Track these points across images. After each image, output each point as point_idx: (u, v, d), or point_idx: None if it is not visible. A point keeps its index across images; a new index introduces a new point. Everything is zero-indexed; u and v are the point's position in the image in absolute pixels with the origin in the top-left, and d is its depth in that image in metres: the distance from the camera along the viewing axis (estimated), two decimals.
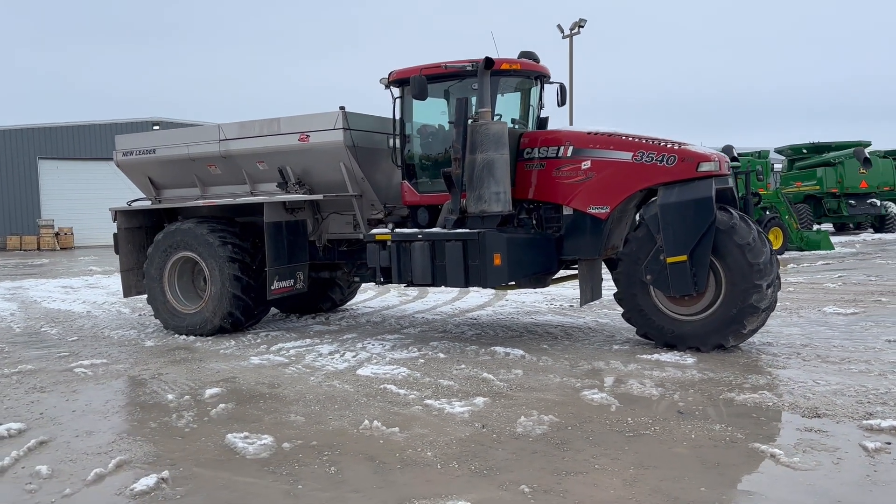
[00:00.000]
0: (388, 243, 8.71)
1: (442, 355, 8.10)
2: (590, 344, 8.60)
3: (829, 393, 6.26)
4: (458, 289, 13.34)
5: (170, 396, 6.71)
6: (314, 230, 9.85)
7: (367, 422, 5.70)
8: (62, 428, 5.89)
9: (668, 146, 8.04)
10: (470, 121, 8.22)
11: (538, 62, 9.07)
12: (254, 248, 9.80)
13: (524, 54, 9.05)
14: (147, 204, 10.78)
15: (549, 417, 5.74)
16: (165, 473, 4.70)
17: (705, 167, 7.91)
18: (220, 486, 4.61)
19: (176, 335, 9.83)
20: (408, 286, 8.93)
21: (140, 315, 12.01)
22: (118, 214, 10.47)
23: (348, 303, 12.12)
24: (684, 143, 8.18)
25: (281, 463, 4.97)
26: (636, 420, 5.66)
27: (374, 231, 8.92)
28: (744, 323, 7.78)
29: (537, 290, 12.19)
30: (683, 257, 7.76)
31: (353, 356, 8.18)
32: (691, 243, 7.73)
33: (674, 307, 8.11)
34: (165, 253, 9.94)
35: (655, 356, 7.75)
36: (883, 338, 8.52)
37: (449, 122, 8.77)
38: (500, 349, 8.23)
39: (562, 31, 34.97)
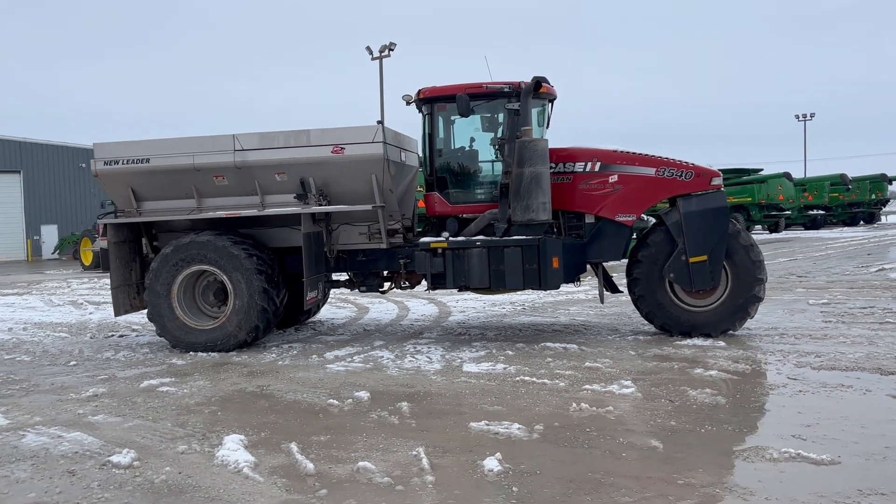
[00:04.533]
0: (439, 251, 9.23)
1: (510, 352, 8.79)
2: (610, 337, 9.73)
3: (864, 358, 7.94)
4: (403, 303, 13.86)
5: (333, 402, 6.79)
6: (326, 241, 9.98)
7: (574, 404, 6.38)
8: (291, 435, 5.86)
9: (684, 163, 9.45)
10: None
11: (552, 86, 10.09)
12: (271, 260, 9.73)
13: (539, 79, 9.99)
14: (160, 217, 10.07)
15: (708, 391, 6.79)
16: (499, 455, 5.09)
17: (716, 181, 9.44)
18: (554, 461, 5.10)
19: (190, 353, 9.43)
20: (460, 291, 9.49)
21: (93, 337, 11.13)
22: (108, 228, 9.78)
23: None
24: (691, 161, 9.63)
25: (565, 439, 5.53)
26: (776, 386, 6.90)
27: (427, 239, 9.38)
28: (748, 310, 9.38)
29: (486, 296, 13.15)
30: (704, 257, 9.18)
31: (427, 359, 8.60)
32: (711, 245, 9.18)
33: (689, 300, 9.50)
34: (175, 267, 9.51)
35: (690, 342, 9.08)
36: (818, 320, 10.58)
37: (495, 141, 9.49)
38: (551, 344, 9.10)
39: (371, 53, 35.96)
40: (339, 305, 14.06)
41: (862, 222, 48.33)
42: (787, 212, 40.13)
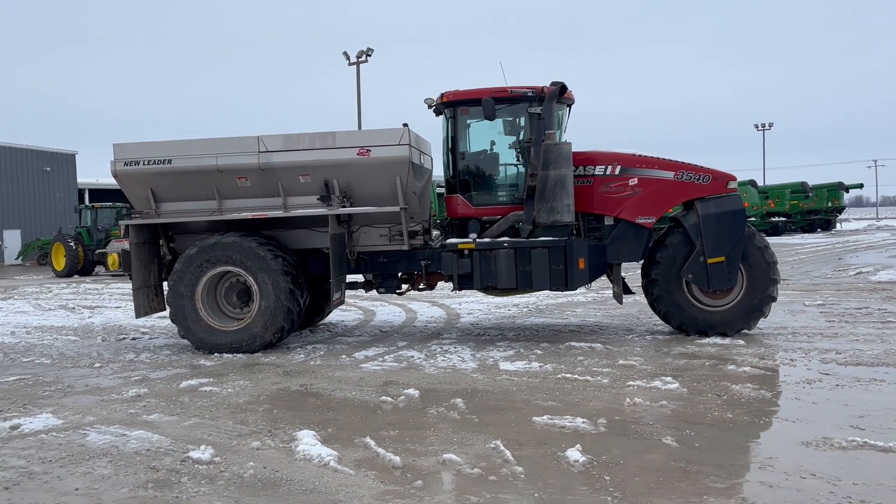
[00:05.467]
0: (466, 252, 9.36)
1: (538, 351, 8.94)
2: (628, 337, 9.93)
3: (884, 354, 8.26)
4: (410, 307, 13.92)
5: (386, 399, 6.86)
6: (348, 243, 10.03)
7: (627, 399, 6.55)
8: (358, 431, 5.92)
9: (702, 167, 9.72)
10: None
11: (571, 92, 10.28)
12: (294, 261, 9.76)
13: (562, 84, 10.15)
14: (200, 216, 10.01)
15: (750, 385, 7.02)
16: (578, 447, 5.23)
17: (732, 185, 9.73)
18: (632, 452, 5.26)
19: (215, 354, 9.40)
20: (485, 291, 9.62)
21: (104, 340, 11.01)
22: (130, 229, 9.71)
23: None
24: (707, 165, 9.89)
25: (632, 432, 5.69)
26: (812, 380, 7.14)
27: (455, 240, 9.50)
28: (763, 310, 9.67)
29: (489, 298, 13.30)
30: (722, 258, 9.44)
31: (460, 358, 8.71)
32: (728, 246, 9.44)
33: (706, 300, 9.75)
34: (200, 268, 9.48)
35: (709, 341, 9.33)
36: (821, 320, 10.93)
37: (517, 144, 9.67)
38: (575, 344, 9.28)
39: (348, 59, 35.91)
40: (342, 308, 14.07)
41: (819, 229, 49.69)
42: (752, 218, 41.10)
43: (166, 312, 10.32)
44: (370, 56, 35.52)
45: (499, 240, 9.45)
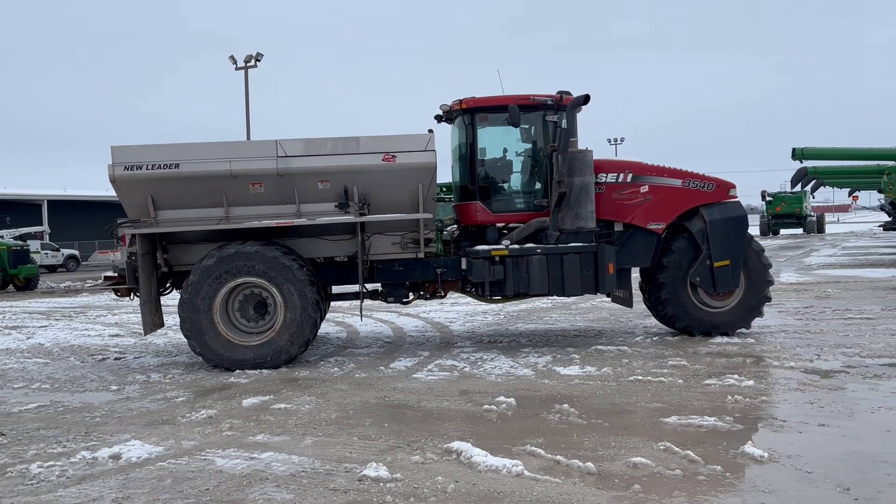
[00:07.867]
0: (498, 259, 9.34)
1: (575, 356, 9.04)
2: (638, 339, 10.23)
3: (886, 347, 8.98)
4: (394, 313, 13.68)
5: (490, 407, 6.74)
6: (365, 251, 9.75)
7: (729, 397, 6.79)
8: (502, 440, 5.80)
9: (706, 175, 10.22)
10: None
11: None
12: (315, 271, 9.39)
13: (563, 93, 10.38)
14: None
15: (815, 379, 7.46)
16: (751, 442, 5.38)
17: (733, 192, 10.28)
18: (795, 445, 5.46)
19: (237, 370, 8.85)
20: (515, 297, 9.62)
21: (83, 361, 10.06)
22: (138, 239, 8.94)
23: None
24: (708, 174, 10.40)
25: (770, 427, 5.93)
26: (864, 374, 7.66)
27: (487, 247, 9.43)
28: (760, 310, 10.28)
29: (474, 304, 13.29)
30: (727, 262, 9.96)
31: (510, 364, 8.67)
32: (733, 251, 9.98)
33: (709, 302, 10.23)
34: (219, 280, 8.89)
35: (719, 340, 9.79)
36: (790, 319, 11.73)
37: (547, 150, 9.75)
38: (602, 347, 9.49)
39: (235, 63, 34.48)
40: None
41: None
42: None
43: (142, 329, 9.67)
44: (259, 61, 34.43)
45: (531, 246, 9.50)
